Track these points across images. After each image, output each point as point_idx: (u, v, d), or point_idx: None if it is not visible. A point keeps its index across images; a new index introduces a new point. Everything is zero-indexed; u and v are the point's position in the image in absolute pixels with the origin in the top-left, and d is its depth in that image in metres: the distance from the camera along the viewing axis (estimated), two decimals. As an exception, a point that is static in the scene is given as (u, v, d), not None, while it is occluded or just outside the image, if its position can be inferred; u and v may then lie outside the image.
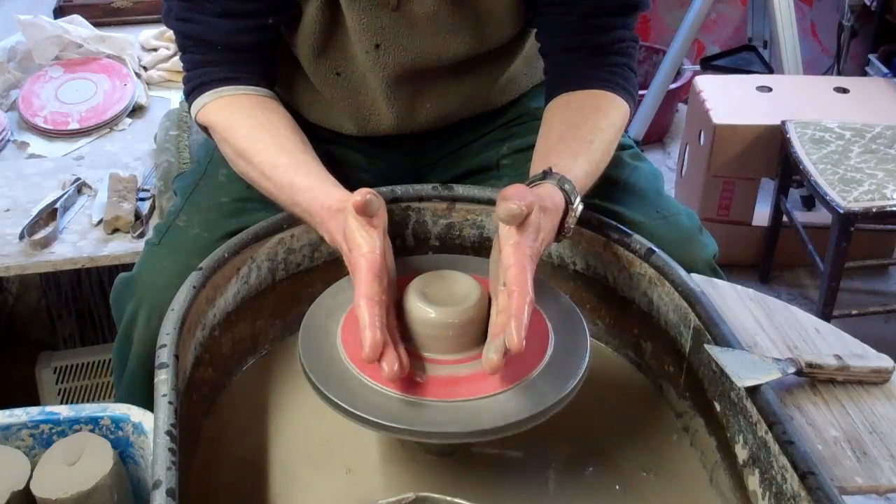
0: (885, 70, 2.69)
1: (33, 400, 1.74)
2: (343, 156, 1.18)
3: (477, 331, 0.86)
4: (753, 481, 0.80)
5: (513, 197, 0.83)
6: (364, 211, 0.84)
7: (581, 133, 1.00)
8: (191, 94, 1.07)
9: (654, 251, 0.96)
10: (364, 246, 0.84)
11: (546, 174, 0.93)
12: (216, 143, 1.08)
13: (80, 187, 1.62)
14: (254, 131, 1.02)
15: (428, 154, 1.23)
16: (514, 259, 0.81)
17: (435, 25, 1.06)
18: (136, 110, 1.90)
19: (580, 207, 0.92)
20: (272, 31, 1.07)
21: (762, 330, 0.96)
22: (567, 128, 1.01)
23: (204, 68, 1.06)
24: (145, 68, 2.02)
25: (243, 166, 1.03)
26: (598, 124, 1.01)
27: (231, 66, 1.06)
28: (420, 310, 0.84)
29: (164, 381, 0.80)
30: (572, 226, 0.93)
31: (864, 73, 2.85)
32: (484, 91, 1.18)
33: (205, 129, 1.09)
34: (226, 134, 1.04)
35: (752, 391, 0.80)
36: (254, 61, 1.07)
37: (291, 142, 1.01)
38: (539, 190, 0.91)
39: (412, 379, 0.83)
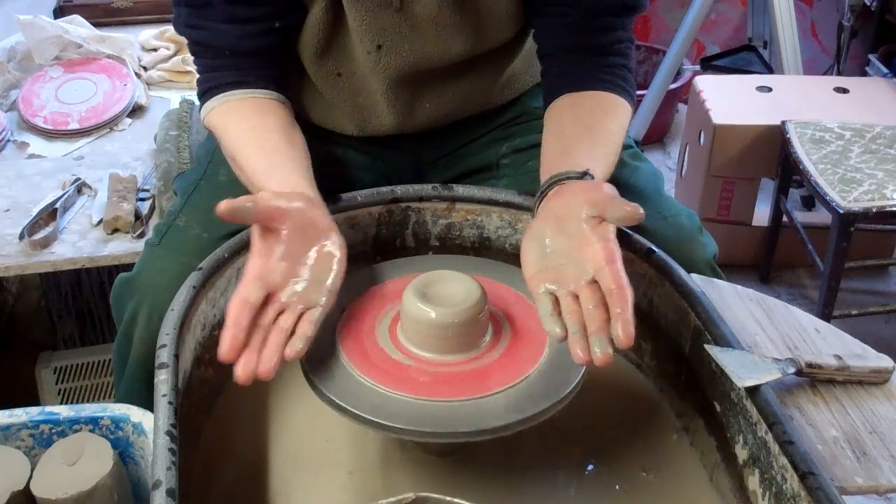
0: (885, 70, 2.69)
1: (33, 400, 1.74)
2: (344, 156, 1.18)
3: (477, 331, 0.86)
4: (753, 481, 0.80)
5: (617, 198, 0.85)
6: (231, 218, 0.84)
7: (595, 135, 1.01)
8: (202, 97, 1.08)
9: (654, 251, 0.96)
10: (253, 247, 0.86)
11: (584, 175, 0.94)
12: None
13: (80, 187, 1.62)
14: (242, 135, 1.02)
15: (428, 154, 1.23)
16: (605, 257, 0.82)
17: (437, 26, 1.06)
18: (136, 110, 1.89)
19: None
20: (279, 34, 1.07)
21: (762, 330, 0.96)
22: (583, 129, 1.02)
23: (214, 73, 1.07)
24: (145, 68, 2.02)
25: (236, 170, 1.04)
26: (608, 126, 1.02)
27: (239, 71, 1.06)
28: (419, 310, 0.84)
29: (164, 381, 0.80)
30: None
31: (864, 73, 2.85)
32: (484, 91, 1.18)
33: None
34: (221, 137, 1.05)
35: (752, 391, 0.80)
36: (262, 65, 1.07)
37: (272, 143, 1.01)
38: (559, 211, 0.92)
39: (412, 378, 0.83)
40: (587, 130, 1.01)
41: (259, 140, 1.01)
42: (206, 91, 1.07)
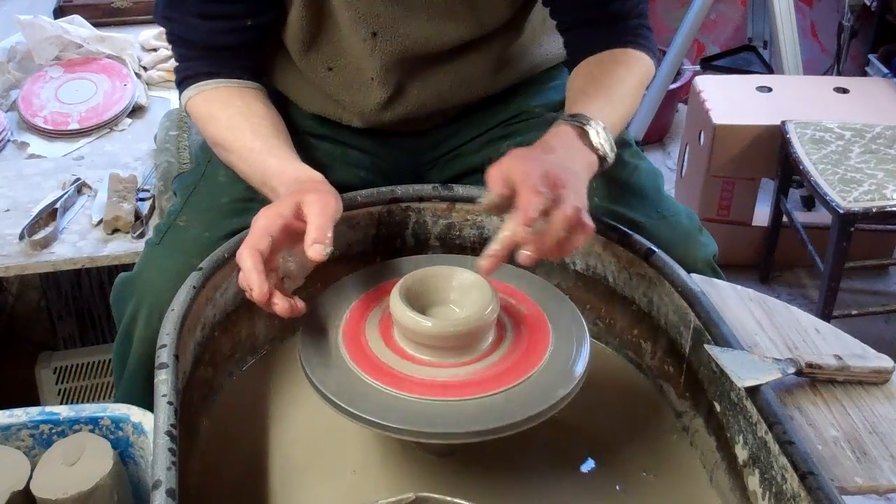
0: (885, 70, 2.69)
1: (33, 400, 1.74)
2: (343, 154, 1.18)
3: (478, 336, 0.86)
4: (753, 481, 0.80)
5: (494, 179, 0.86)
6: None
7: (600, 83, 1.03)
8: (179, 84, 1.12)
9: (654, 251, 0.96)
10: (273, 208, 0.87)
11: (573, 117, 0.96)
12: (200, 132, 1.12)
13: (80, 187, 1.62)
14: (232, 120, 1.05)
15: (428, 152, 1.23)
16: (521, 171, 0.83)
17: (431, 10, 1.06)
18: (136, 110, 1.90)
19: (600, 127, 0.95)
20: (252, 32, 1.09)
21: (762, 330, 0.96)
22: (586, 82, 1.04)
23: (189, 62, 1.10)
24: (145, 68, 2.02)
25: (224, 154, 1.07)
26: (616, 73, 1.04)
27: (212, 62, 1.09)
28: (414, 322, 0.84)
29: (164, 382, 0.80)
30: (604, 143, 0.95)
31: (864, 73, 2.84)
32: (479, 75, 1.17)
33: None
34: (207, 125, 1.08)
35: (752, 391, 0.80)
36: (235, 58, 1.10)
37: (265, 127, 1.05)
38: (537, 142, 0.94)
39: (413, 379, 0.83)
40: (591, 83, 1.04)
41: (251, 123, 1.05)
42: (183, 80, 1.11)
